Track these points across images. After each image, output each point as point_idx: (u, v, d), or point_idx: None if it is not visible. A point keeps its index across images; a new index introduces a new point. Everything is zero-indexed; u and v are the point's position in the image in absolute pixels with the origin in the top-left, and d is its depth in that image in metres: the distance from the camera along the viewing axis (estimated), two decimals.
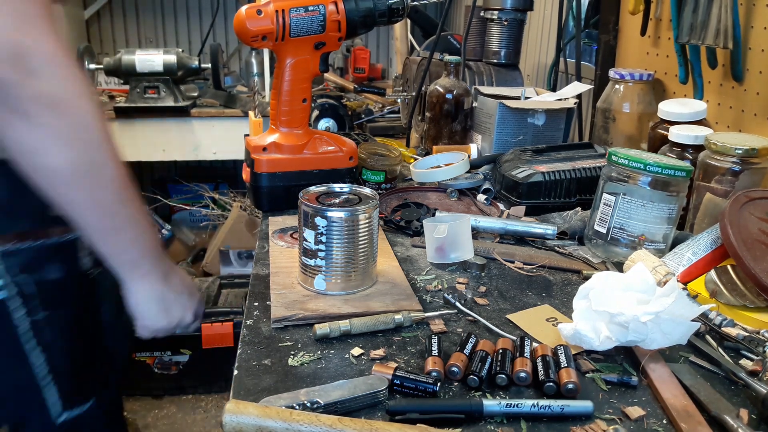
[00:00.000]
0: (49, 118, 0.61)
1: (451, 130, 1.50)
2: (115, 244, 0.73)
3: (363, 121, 1.94)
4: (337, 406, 0.59)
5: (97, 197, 0.68)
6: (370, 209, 0.79)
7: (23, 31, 0.59)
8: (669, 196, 0.92)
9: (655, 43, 1.44)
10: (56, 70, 0.61)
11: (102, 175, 0.67)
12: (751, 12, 1.14)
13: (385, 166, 1.26)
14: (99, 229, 0.71)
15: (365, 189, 0.85)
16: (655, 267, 0.83)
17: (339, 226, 0.77)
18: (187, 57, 2.89)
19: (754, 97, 1.15)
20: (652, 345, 0.67)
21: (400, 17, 1.11)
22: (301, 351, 0.70)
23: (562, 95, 1.49)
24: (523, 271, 0.94)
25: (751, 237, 0.83)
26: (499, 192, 1.23)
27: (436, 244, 0.93)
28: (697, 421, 0.59)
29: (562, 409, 0.60)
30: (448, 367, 0.65)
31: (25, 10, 0.59)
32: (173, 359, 2.31)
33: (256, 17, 1.02)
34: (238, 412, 0.53)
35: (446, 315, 0.79)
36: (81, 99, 0.63)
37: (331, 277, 0.80)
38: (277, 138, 1.11)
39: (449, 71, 1.48)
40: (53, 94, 0.61)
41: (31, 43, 0.59)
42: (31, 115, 0.60)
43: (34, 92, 0.60)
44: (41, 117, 0.60)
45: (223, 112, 2.78)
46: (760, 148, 0.94)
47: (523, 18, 1.69)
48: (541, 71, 2.19)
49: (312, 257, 0.79)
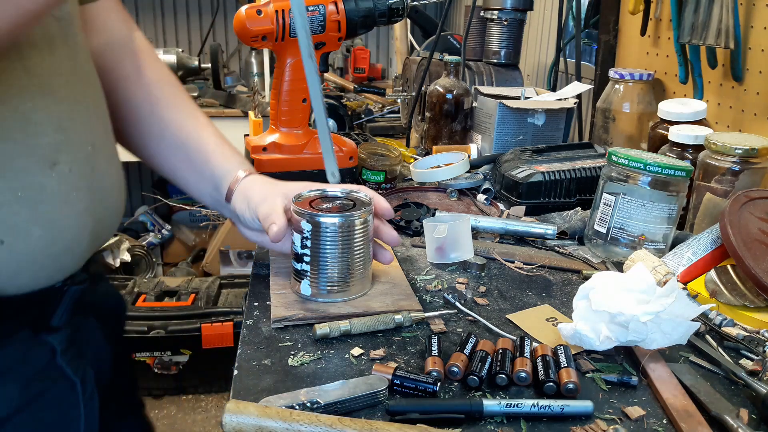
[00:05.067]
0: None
1: (451, 130, 1.50)
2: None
3: (363, 121, 1.94)
4: (337, 406, 0.59)
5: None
6: (364, 214, 0.77)
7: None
8: (669, 196, 0.92)
9: (655, 43, 1.44)
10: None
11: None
12: (751, 12, 1.14)
13: (385, 166, 1.26)
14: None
15: (362, 194, 0.82)
16: (655, 267, 0.83)
17: (330, 232, 0.76)
18: (187, 57, 2.89)
19: (754, 97, 1.15)
20: (652, 345, 0.67)
21: (400, 17, 1.11)
22: (301, 351, 0.70)
23: (562, 95, 1.49)
24: (523, 271, 0.94)
25: (751, 237, 0.83)
26: (499, 192, 1.23)
27: (436, 244, 0.93)
28: (697, 421, 0.59)
29: (562, 409, 0.60)
30: (448, 367, 0.65)
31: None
32: (173, 359, 2.31)
33: (256, 17, 1.02)
34: (238, 412, 0.53)
35: (446, 315, 0.79)
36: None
37: (317, 282, 0.78)
38: (277, 138, 1.11)
39: (449, 71, 1.48)
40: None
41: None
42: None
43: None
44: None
45: (223, 112, 2.78)
46: (760, 148, 0.94)
47: (523, 18, 1.69)
48: (541, 71, 2.19)
49: (298, 261, 0.79)
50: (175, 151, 0.84)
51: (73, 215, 0.63)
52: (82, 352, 0.69)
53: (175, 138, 0.84)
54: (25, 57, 0.59)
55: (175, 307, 2.33)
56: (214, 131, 0.86)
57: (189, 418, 2.30)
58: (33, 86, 0.60)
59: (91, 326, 0.73)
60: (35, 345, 0.64)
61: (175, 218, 3.46)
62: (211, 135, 0.85)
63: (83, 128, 0.66)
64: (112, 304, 0.83)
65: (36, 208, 0.60)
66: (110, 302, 0.82)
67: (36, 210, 0.60)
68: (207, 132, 0.85)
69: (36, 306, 0.64)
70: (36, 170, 0.60)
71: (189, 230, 3.44)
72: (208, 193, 0.85)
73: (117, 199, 0.73)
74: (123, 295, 2.37)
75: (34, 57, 0.60)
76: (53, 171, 0.61)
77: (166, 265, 3.34)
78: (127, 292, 2.42)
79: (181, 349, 2.29)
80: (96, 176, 0.67)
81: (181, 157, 0.84)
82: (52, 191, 0.61)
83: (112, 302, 0.83)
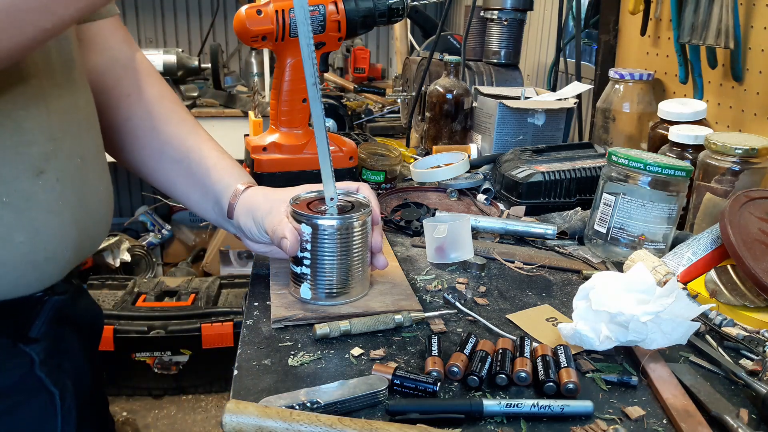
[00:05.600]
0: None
1: (451, 130, 1.50)
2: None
3: (363, 121, 1.94)
4: (337, 406, 0.59)
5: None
6: (363, 216, 0.77)
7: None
8: (669, 196, 0.92)
9: (655, 43, 1.44)
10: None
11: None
12: (751, 12, 1.14)
13: (385, 166, 1.26)
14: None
15: (360, 195, 0.82)
16: (655, 267, 0.83)
17: (329, 234, 0.75)
18: (187, 57, 2.89)
19: (754, 97, 1.15)
20: (652, 345, 0.67)
21: (400, 17, 1.11)
22: (301, 351, 0.70)
23: (562, 95, 1.49)
24: (523, 271, 0.94)
25: (751, 237, 0.83)
26: (499, 192, 1.23)
27: (436, 244, 0.93)
28: (697, 421, 0.59)
29: (562, 409, 0.60)
30: (448, 367, 0.65)
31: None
32: (173, 359, 2.31)
33: (256, 17, 1.02)
34: (238, 412, 0.53)
35: (446, 315, 0.79)
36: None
37: (316, 285, 0.78)
38: (277, 138, 1.11)
39: (449, 71, 1.48)
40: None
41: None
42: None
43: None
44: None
45: (223, 112, 2.78)
46: (760, 147, 0.94)
47: (523, 18, 1.69)
48: (541, 71, 2.19)
49: (297, 264, 0.78)
50: (176, 166, 0.84)
51: (58, 225, 0.63)
52: (62, 364, 0.68)
53: (175, 154, 0.83)
54: (20, 63, 0.59)
55: (175, 307, 2.33)
56: (214, 146, 0.86)
57: (189, 418, 2.30)
58: (27, 93, 0.60)
59: (70, 339, 0.72)
60: (13, 355, 0.63)
61: (175, 218, 3.46)
62: (211, 150, 0.85)
63: (74, 140, 0.66)
64: (91, 319, 0.82)
65: (21, 214, 0.59)
66: (89, 316, 0.81)
67: (20, 217, 0.59)
68: (207, 147, 0.85)
69: (15, 315, 0.63)
70: (23, 177, 0.59)
71: (189, 230, 3.44)
72: (210, 208, 0.85)
73: (104, 213, 0.72)
74: (123, 295, 2.38)
75: (29, 64, 0.60)
76: (40, 179, 0.60)
77: (166, 265, 3.34)
78: (127, 293, 2.42)
79: (181, 349, 2.29)
80: (84, 188, 0.66)
81: (182, 173, 0.84)
82: (38, 199, 0.60)
83: (91, 317, 0.82)
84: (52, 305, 0.65)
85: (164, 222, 3.40)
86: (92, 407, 0.77)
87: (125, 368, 2.28)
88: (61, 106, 0.64)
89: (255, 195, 0.81)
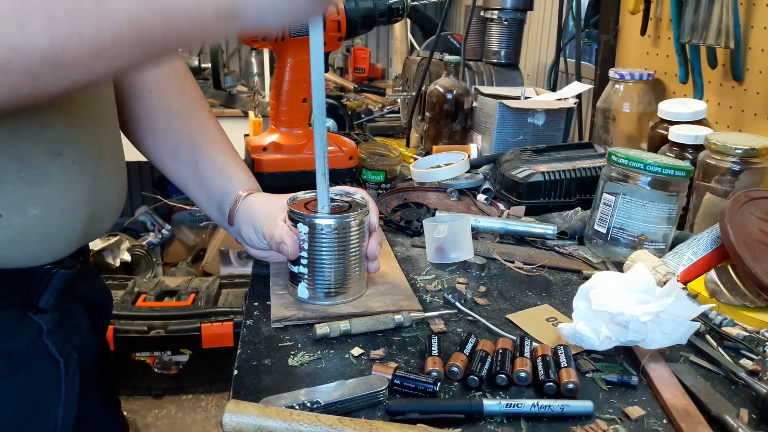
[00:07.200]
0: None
1: (451, 130, 1.50)
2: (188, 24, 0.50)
3: (363, 121, 1.94)
4: (337, 406, 0.59)
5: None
6: (360, 215, 0.77)
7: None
8: (669, 195, 0.92)
9: (655, 42, 1.44)
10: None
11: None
12: (751, 12, 1.14)
13: (385, 166, 1.26)
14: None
15: (358, 196, 0.82)
16: (655, 267, 0.83)
17: (326, 234, 0.75)
18: (187, 57, 2.88)
19: (754, 97, 1.15)
20: (652, 345, 0.67)
21: (400, 17, 1.11)
22: (301, 351, 0.70)
23: (562, 95, 1.49)
24: (523, 271, 0.94)
25: (751, 237, 0.83)
26: (499, 192, 1.23)
27: (436, 244, 0.93)
28: (697, 421, 0.59)
29: (562, 409, 0.60)
30: (448, 367, 0.65)
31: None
32: (173, 359, 2.31)
33: None
34: (238, 412, 0.53)
35: (446, 315, 0.79)
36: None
37: (314, 285, 0.78)
38: (277, 138, 1.11)
39: (449, 71, 1.48)
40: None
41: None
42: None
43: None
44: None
45: (223, 112, 2.78)
46: (760, 147, 0.94)
47: (523, 18, 1.69)
48: (541, 71, 2.19)
49: (295, 264, 0.78)
50: (187, 168, 0.86)
51: (70, 203, 0.66)
52: (69, 336, 0.71)
53: (186, 155, 0.85)
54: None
55: (175, 307, 2.33)
56: (225, 149, 0.87)
57: (189, 418, 2.30)
58: None
59: (78, 315, 0.75)
60: (23, 323, 0.66)
61: (175, 218, 3.46)
62: (221, 153, 0.86)
63: (92, 129, 0.68)
64: (101, 299, 0.84)
65: (36, 189, 0.62)
66: (99, 296, 0.84)
67: (35, 191, 0.62)
68: (218, 150, 0.86)
69: (26, 284, 0.66)
70: (42, 157, 0.62)
71: (189, 230, 3.44)
72: (215, 212, 0.87)
73: (116, 199, 0.75)
74: (123, 295, 2.38)
75: None
76: (56, 160, 0.63)
77: (166, 265, 3.34)
78: (127, 292, 2.42)
79: (181, 348, 2.29)
80: (98, 174, 0.69)
81: (191, 174, 0.86)
82: (53, 178, 0.63)
83: (101, 297, 0.85)
84: (59, 278, 0.68)
85: (164, 222, 3.40)
86: (98, 382, 0.79)
87: (125, 368, 2.28)
88: (79, 95, 0.66)
89: (255, 202, 0.83)
